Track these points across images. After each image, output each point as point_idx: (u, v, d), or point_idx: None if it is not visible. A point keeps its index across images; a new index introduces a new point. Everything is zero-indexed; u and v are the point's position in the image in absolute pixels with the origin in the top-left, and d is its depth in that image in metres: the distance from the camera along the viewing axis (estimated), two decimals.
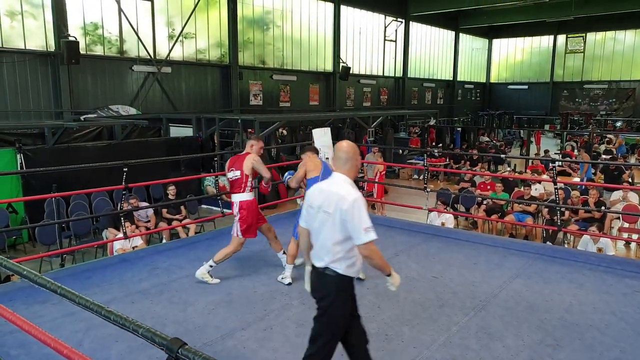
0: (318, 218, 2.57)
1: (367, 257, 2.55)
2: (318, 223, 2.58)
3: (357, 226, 2.45)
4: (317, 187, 2.67)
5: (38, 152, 9.09)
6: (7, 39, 11.67)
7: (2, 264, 1.79)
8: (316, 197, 2.62)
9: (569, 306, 4.02)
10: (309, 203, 2.66)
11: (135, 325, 1.35)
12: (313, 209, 2.62)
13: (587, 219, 8.02)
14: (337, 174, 2.62)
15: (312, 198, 2.65)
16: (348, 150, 2.62)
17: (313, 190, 2.69)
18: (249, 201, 4.50)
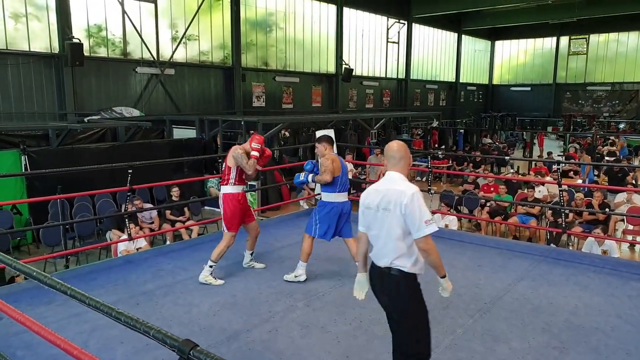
0: (378, 217, 2.61)
1: (424, 251, 2.55)
2: (379, 222, 2.62)
3: (418, 219, 2.49)
4: (372, 189, 2.71)
5: (42, 154, 9.12)
6: (12, 41, 11.72)
7: (12, 265, 1.79)
8: (373, 197, 2.65)
9: (574, 309, 4.01)
10: (366, 205, 2.69)
11: (146, 327, 1.35)
12: (371, 209, 2.65)
13: (592, 221, 8.00)
14: (391, 172, 2.68)
15: (368, 199, 2.68)
16: (400, 150, 2.71)
17: (368, 192, 2.73)
18: (230, 194, 4.51)
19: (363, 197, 2.74)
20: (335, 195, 4.49)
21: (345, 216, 4.56)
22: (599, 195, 8.15)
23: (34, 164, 8.80)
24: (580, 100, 29.83)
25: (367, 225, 2.71)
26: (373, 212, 2.64)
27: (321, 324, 3.72)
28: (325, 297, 4.22)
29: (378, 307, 3.98)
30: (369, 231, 2.71)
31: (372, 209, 2.64)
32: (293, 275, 4.56)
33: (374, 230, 2.65)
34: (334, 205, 4.47)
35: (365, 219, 2.72)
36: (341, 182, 4.51)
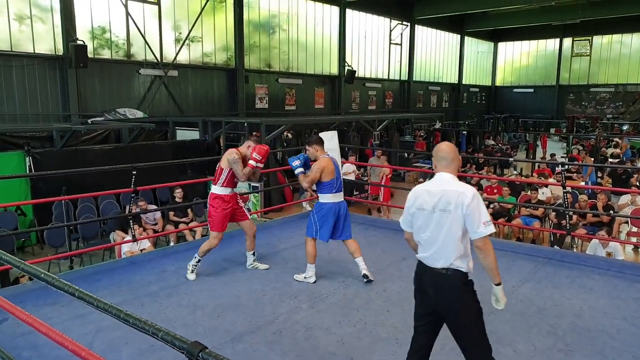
0: (434, 219, 2.58)
1: (482, 251, 2.56)
2: (435, 224, 2.58)
3: (477, 220, 2.50)
4: (424, 190, 2.67)
5: (46, 155, 9.15)
6: (17, 43, 11.78)
7: (19, 267, 1.80)
8: (426, 198, 2.62)
9: (579, 311, 4.00)
10: (418, 206, 2.65)
11: (155, 329, 1.35)
12: (425, 210, 2.61)
13: (596, 223, 7.98)
14: (443, 173, 2.65)
15: (420, 201, 2.64)
16: (451, 151, 2.69)
17: (419, 193, 2.68)
18: (216, 194, 4.60)
19: (412, 199, 2.70)
20: (332, 196, 4.55)
21: (343, 216, 4.60)
22: (603, 197, 8.13)
23: (38, 165, 8.83)
24: (584, 101, 29.77)
25: (419, 227, 2.66)
26: (427, 214, 2.60)
27: (325, 325, 3.72)
28: (329, 298, 4.22)
29: (382, 309, 3.99)
30: (420, 232, 2.66)
31: (426, 210, 2.61)
32: (303, 276, 4.58)
33: (428, 231, 2.61)
34: (330, 206, 4.54)
35: (416, 220, 2.68)
36: (337, 184, 4.58)
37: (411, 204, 2.70)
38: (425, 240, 2.64)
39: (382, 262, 5.15)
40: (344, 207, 4.63)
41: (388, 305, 4.09)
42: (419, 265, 2.70)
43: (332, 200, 4.55)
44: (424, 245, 2.65)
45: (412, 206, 2.69)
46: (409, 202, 2.71)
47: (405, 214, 2.75)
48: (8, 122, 11.55)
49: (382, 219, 8.98)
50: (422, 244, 2.67)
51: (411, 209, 2.69)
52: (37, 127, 10.66)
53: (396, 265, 5.09)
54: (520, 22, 26.06)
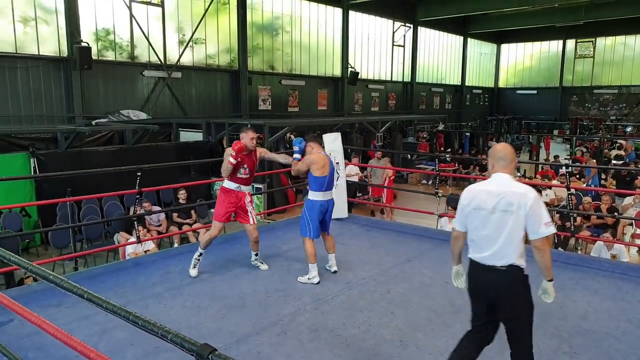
0: (493, 219, 2.62)
1: (540, 251, 2.64)
2: (495, 224, 2.62)
3: (539, 221, 2.58)
4: (482, 190, 2.70)
5: (51, 157, 9.19)
6: (21, 45, 11.84)
7: (28, 269, 1.81)
8: (485, 199, 2.65)
9: (584, 313, 3.99)
10: (475, 206, 2.68)
11: (164, 331, 1.36)
12: (484, 210, 2.64)
13: (600, 225, 7.96)
14: (501, 174, 2.69)
15: (477, 201, 2.68)
16: (510, 152, 2.73)
17: (476, 193, 2.71)
18: (222, 187, 4.82)
19: (468, 199, 2.72)
20: (322, 194, 4.64)
21: (329, 213, 4.75)
22: (607, 199, 8.11)
23: (42, 167, 8.87)
24: (587, 103, 29.70)
25: (475, 226, 2.69)
26: (486, 214, 2.64)
27: (330, 327, 3.72)
28: (333, 300, 4.22)
29: (385, 311, 3.99)
30: (476, 232, 2.69)
31: (485, 210, 2.64)
32: (307, 277, 4.59)
33: (486, 231, 2.64)
34: (321, 203, 4.63)
35: (472, 220, 2.70)
36: (327, 182, 4.66)
37: (467, 203, 2.72)
38: (482, 239, 2.67)
39: (385, 264, 5.15)
40: (331, 205, 4.76)
41: (392, 307, 4.09)
42: (475, 265, 2.73)
43: (323, 199, 4.64)
44: (480, 245, 2.68)
45: (467, 206, 2.72)
46: (464, 202, 2.74)
47: (459, 214, 2.78)
48: (13, 124, 11.61)
49: (386, 221, 8.98)
50: (478, 243, 2.70)
51: (466, 208, 2.72)
52: (42, 129, 10.71)
53: (400, 267, 5.09)
54: (523, 23, 26.02)
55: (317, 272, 4.57)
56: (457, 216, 2.81)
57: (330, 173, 4.68)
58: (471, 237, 2.73)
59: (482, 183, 2.78)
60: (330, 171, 4.68)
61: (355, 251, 5.57)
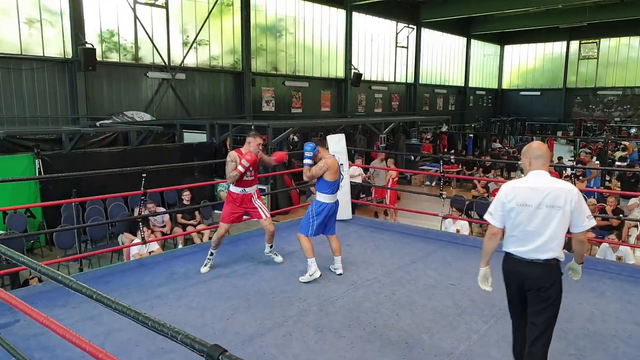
0: (540, 214, 2.71)
1: (582, 242, 2.87)
2: (541, 219, 2.71)
3: (583, 215, 2.72)
4: (525, 187, 2.77)
5: (55, 158, 9.22)
6: (27, 47, 11.89)
7: (37, 269, 1.82)
8: (530, 195, 2.73)
9: (590, 315, 3.98)
10: (521, 202, 2.74)
11: (173, 332, 1.36)
12: (530, 207, 2.72)
13: (605, 227, 7.93)
14: (540, 171, 2.79)
15: (522, 197, 2.75)
16: (546, 150, 2.88)
17: (519, 190, 2.78)
18: (229, 191, 4.98)
19: (510, 195, 2.77)
20: (331, 197, 4.73)
21: (334, 215, 4.83)
22: (612, 201, 8.08)
23: (47, 168, 8.90)
24: (591, 105, 29.61)
25: (519, 222, 2.75)
26: (532, 210, 2.72)
27: (335, 328, 3.71)
28: (338, 301, 4.22)
29: (390, 312, 3.98)
30: (519, 227, 2.75)
31: (531, 206, 2.72)
32: (308, 275, 4.61)
33: (531, 226, 2.72)
34: (329, 207, 4.72)
35: (516, 216, 2.75)
36: (336, 185, 4.75)
37: (509, 200, 2.77)
38: (527, 235, 2.74)
39: (390, 266, 5.14)
40: (336, 207, 4.85)
41: (397, 308, 4.08)
42: (514, 259, 2.79)
43: (331, 201, 4.72)
44: (523, 240, 2.75)
45: (510, 202, 2.76)
46: (505, 199, 2.78)
47: (497, 210, 2.83)
48: (18, 125, 11.65)
49: (390, 222, 8.97)
50: (520, 238, 2.76)
51: (509, 205, 2.77)
52: (47, 130, 10.75)
53: (405, 268, 5.08)
54: (527, 24, 25.97)
55: (316, 266, 4.62)
56: (496, 213, 2.83)
57: (339, 176, 4.79)
58: (513, 232, 2.79)
59: (521, 180, 2.86)
60: (339, 174, 4.79)
61: (360, 252, 5.57)
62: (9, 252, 1.95)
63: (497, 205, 2.84)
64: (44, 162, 8.92)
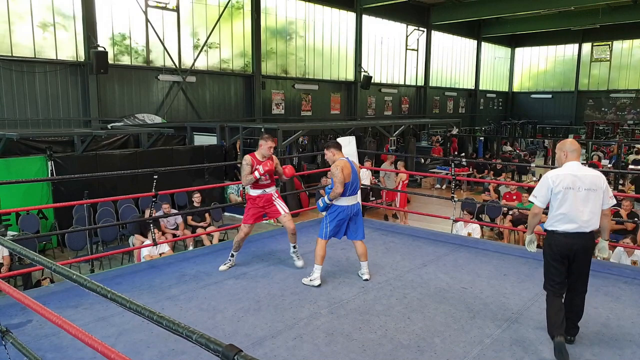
0: (580, 196, 3.32)
1: (607, 216, 3.49)
2: (583, 200, 3.32)
3: (608, 194, 3.42)
4: (568, 174, 3.35)
5: (67, 160, 9.31)
6: (40, 50, 12.03)
7: (52, 268, 1.82)
8: (573, 180, 3.33)
9: (606, 320, 3.91)
10: (567, 186, 3.32)
11: (188, 331, 1.35)
12: (573, 189, 3.32)
13: (619, 230, 7.82)
14: (575, 162, 3.42)
15: (567, 182, 3.33)
16: (578, 145, 3.50)
17: (563, 177, 3.35)
18: (249, 194, 5.10)
19: (557, 181, 3.35)
20: (345, 199, 4.58)
21: (355, 218, 4.68)
22: (627, 204, 7.96)
23: (59, 169, 8.99)
24: (604, 107, 29.30)
25: (565, 202, 3.32)
26: (575, 192, 3.32)
27: (346, 331, 3.69)
28: (349, 304, 4.19)
29: (401, 315, 3.95)
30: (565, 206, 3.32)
31: (574, 189, 3.32)
32: (309, 279, 4.60)
33: (576, 205, 3.31)
34: (343, 209, 4.59)
35: (562, 197, 3.33)
36: (351, 187, 4.58)
37: (555, 184, 3.35)
38: (573, 212, 3.31)
39: (401, 269, 5.11)
40: (357, 209, 4.69)
41: (409, 312, 4.04)
42: (562, 234, 3.35)
43: (345, 204, 4.60)
44: (571, 217, 3.32)
45: (557, 186, 3.35)
46: (553, 184, 3.36)
47: (542, 194, 3.42)
48: (31, 127, 11.78)
49: (400, 225, 8.93)
50: (568, 215, 3.32)
51: (555, 189, 3.35)
52: (59, 132, 10.86)
53: (416, 271, 5.04)
54: (538, 27, 25.78)
55: (319, 275, 4.56)
56: (540, 196, 3.42)
57: (354, 178, 4.60)
58: (560, 211, 3.34)
59: (561, 169, 3.43)
60: (353, 176, 4.60)
61: (371, 255, 5.51)
62: (25, 251, 1.96)
63: (542, 189, 3.41)
64: (56, 164, 9.00)
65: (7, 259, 6.71)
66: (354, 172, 4.63)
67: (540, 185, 3.44)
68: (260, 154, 4.91)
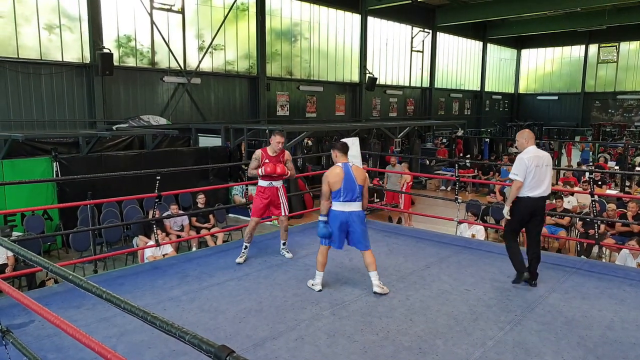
0: (542, 171, 4.49)
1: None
2: (543, 174, 4.50)
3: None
4: (534, 156, 4.49)
5: (72, 161, 9.35)
6: (46, 52, 12.11)
7: (49, 269, 1.82)
8: (538, 160, 4.49)
9: (610, 323, 3.87)
10: (536, 164, 4.46)
11: (181, 332, 1.34)
12: (539, 167, 4.47)
13: (625, 232, 7.75)
14: (533, 146, 4.58)
15: (536, 161, 4.47)
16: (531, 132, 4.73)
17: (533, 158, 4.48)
18: (258, 185, 5.34)
19: (531, 161, 4.44)
20: (339, 205, 4.40)
21: (355, 226, 4.43)
22: (633, 206, 7.89)
23: (64, 170, 9.03)
24: (610, 109, 29.10)
25: (534, 175, 4.44)
26: (539, 168, 4.46)
27: (347, 333, 3.67)
28: (351, 306, 4.17)
29: (403, 317, 3.92)
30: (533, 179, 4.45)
31: (540, 166, 4.47)
32: (311, 282, 4.58)
33: (539, 177, 4.48)
34: (336, 214, 4.40)
35: (534, 173, 4.44)
36: (345, 192, 4.36)
37: (529, 164, 4.44)
38: (538, 183, 4.48)
39: (404, 270, 5.08)
40: (355, 217, 4.42)
41: (411, 314, 4.02)
42: (530, 198, 4.51)
43: (339, 209, 4.40)
44: (536, 186, 4.48)
45: (530, 165, 4.44)
46: (527, 163, 4.44)
47: (522, 172, 4.45)
48: (37, 128, 11.86)
49: (404, 227, 8.90)
50: (532, 186, 4.47)
51: (530, 167, 4.44)
52: (64, 133, 10.92)
53: (419, 273, 5.02)
54: (544, 28, 25.65)
55: (320, 281, 4.49)
56: (521, 172, 4.45)
57: (346, 184, 4.36)
58: (530, 183, 4.46)
59: (528, 152, 4.51)
60: (345, 183, 4.36)
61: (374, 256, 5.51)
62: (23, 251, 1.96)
63: (521, 168, 4.46)
64: (61, 165, 9.04)
65: (11, 259, 6.74)
66: (348, 177, 4.38)
67: (519, 165, 4.47)
68: (271, 149, 5.19)
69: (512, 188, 4.55)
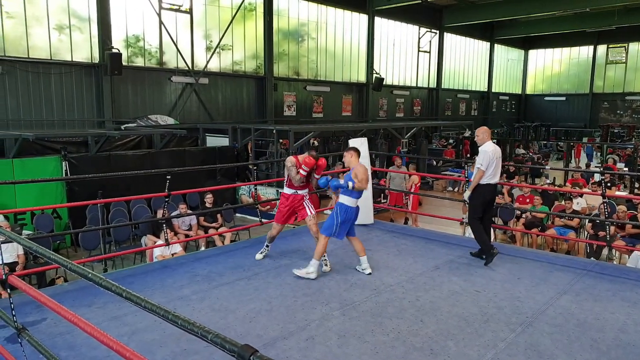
0: (499, 162, 5.22)
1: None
2: (499, 164, 5.23)
3: None
4: (494, 150, 5.23)
5: (81, 160, 9.41)
6: (56, 52, 12.19)
7: (68, 267, 1.83)
8: (496, 153, 5.21)
9: (623, 325, 3.84)
10: (497, 157, 5.21)
11: (204, 331, 1.34)
12: (497, 158, 5.22)
13: (635, 235, 7.69)
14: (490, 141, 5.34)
15: (497, 154, 5.21)
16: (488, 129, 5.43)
17: (494, 151, 5.20)
18: (282, 192, 5.37)
19: (492, 154, 5.15)
20: (355, 201, 4.89)
21: (356, 218, 5.01)
22: None
23: (73, 170, 9.08)
24: (619, 110, 28.90)
25: (494, 166, 5.17)
26: (497, 160, 5.18)
27: (358, 333, 3.66)
28: (361, 306, 4.17)
29: (414, 318, 3.91)
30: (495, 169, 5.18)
31: (498, 158, 5.20)
32: (304, 271, 4.74)
33: (496, 168, 5.22)
34: (354, 210, 4.88)
35: (494, 163, 5.15)
36: (359, 191, 4.92)
37: (492, 156, 5.14)
38: (494, 172, 5.19)
39: (414, 271, 5.07)
40: (358, 210, 5.02)
41: (421, 314, 4.01)
42: (491, 185, 5.25)
43: (354, 205, 4.90)
44: (493, 175, 5.19)
45: (492, 157, 5.15)
46: (492, 155, 5.15)
47: (487, 163, 5.12)
48: (46, 128, 11.94)
49: (412, 227, 8.88)
50: (492, 174, 5.18)
51: (492, 159, 5.14)
52: (73, 133, 10.99)
53: (428, 274, 5.00)
54: (552, 29, 25.52)
55: (316, 269, 4.74)
56: (485, 163, 5.12)
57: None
58: (491, 172, 5.16)
59: (489, 146, 5.22)
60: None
61: (382, 257, 5.51)
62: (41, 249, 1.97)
63: (486, 160, 5.13)
64: (70, 164, 9.10)
65: (22, 258, 6.79)
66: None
67: (484, 157, 5.13)
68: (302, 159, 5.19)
69: (476, 176, 5.17)
